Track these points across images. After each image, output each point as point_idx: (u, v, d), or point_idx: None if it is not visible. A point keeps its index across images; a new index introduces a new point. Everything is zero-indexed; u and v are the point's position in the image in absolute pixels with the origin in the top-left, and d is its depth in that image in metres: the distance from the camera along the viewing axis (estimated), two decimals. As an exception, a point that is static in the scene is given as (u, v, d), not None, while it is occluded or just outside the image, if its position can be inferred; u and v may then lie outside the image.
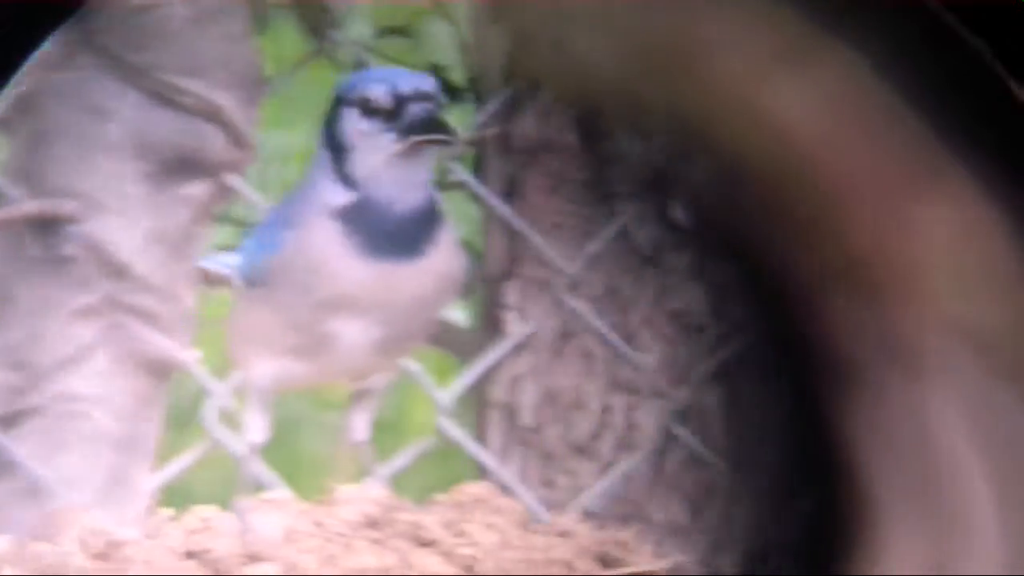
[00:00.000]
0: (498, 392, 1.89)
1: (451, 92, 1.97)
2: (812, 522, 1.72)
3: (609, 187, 1.88)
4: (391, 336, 1.47)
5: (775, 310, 1.58)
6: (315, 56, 1.85)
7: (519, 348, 1.88)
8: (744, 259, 1.70)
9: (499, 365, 1.88)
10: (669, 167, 1.87)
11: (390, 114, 1.44)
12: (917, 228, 1.40)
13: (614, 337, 1.85)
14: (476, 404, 1.90)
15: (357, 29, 1.90)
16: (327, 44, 1.85)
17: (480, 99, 1.93)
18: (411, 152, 1.44)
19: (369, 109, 1.44)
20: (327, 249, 1.45)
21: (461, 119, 1.94)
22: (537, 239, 1.86)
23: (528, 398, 1.88)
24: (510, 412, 1.89)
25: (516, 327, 1.89)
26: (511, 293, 1.91)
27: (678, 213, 1.88)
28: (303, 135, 1.99)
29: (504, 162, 1.93)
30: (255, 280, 1.48)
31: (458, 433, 1.81)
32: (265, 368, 1.49)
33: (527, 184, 1.92)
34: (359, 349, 1.46)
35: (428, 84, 1.45)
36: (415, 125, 1.43)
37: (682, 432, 1.85)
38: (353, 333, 1.46)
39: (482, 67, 1.93)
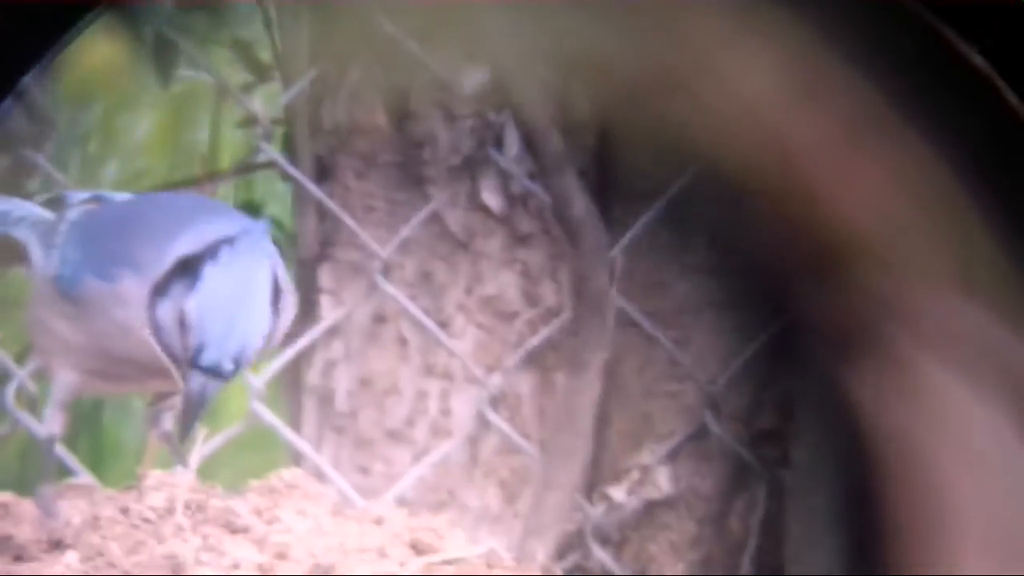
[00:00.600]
0: (312, 377, 1.88)
1: (257, 70, 1.95)
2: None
3: (420, 171, 1.88)
4: None
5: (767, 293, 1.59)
6: (115, 32, 1.78)
7: (333, 332, 1.87)
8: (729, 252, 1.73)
9: (313, 349, 1.86)
10: (478, 151, 1.87)
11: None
12: (881, 195, 1.42)
13: (428, 322, 1.84)
14: (290, 389, 1.88)
15: (160, 4, 1.85)
16: (128, 19, 1.82)
17: (287, 78, 1.90)
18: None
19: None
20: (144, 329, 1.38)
21: (268, 98, 1.93)
22: (350, 221, 1.85)
23: (342, 383, 1.87)
24: (324, 397, 1.88)
25: (330, 311, 1.88)
26: (324, 276, 1.89)
27: (489, 198, 1.88)
28: (100, 111, 1.98)
29: (314, 143, 1.91)
30: (73, 296, 1.41)
31: (272, 418, 1.78)
32: (68, 376, 1.44)
33: (338, 166, 1.90)
34: (167, 383, 1.41)
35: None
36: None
37: (495, 418, 1.85)
38: (158, 385, 1.42)
39: (289, 45, 1.90)
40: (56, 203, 1.49)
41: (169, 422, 1.49)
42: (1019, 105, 1.29)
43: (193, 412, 1.32)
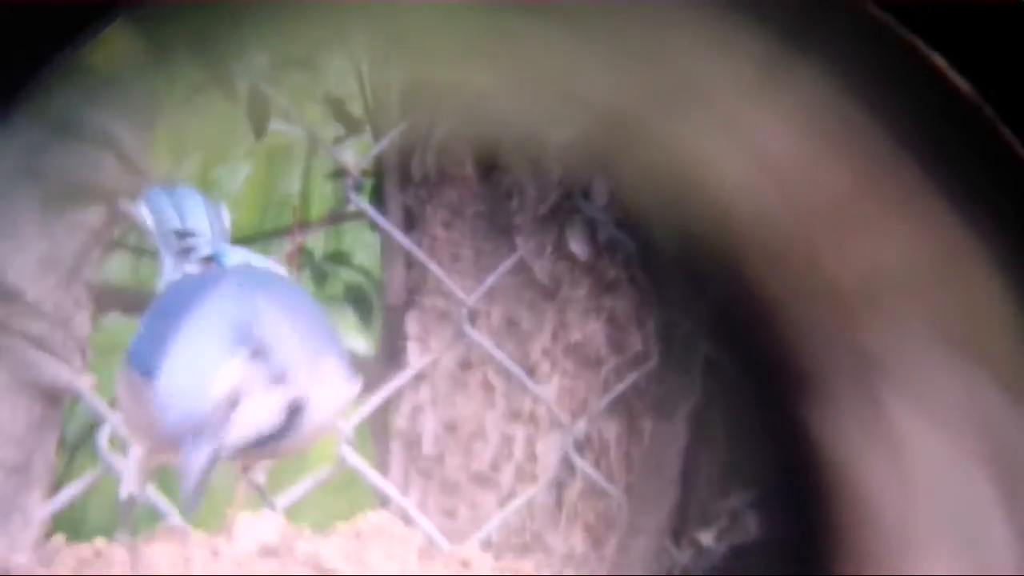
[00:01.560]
0: (399, 421, 1.88)
1: (348, 124, 1.96)
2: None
3: (507, 219, 1.88)
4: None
5: (743, 331, 1.55)
6: (210, 85, 1.82)
7: (419, 378, 1.87)
8: (711, 285, 1.70)
9: (400, 395, 1.87)
10: (564, 201, 1.87)
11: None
12: (887, 248, 1.40)
13: (514, 368, 1.84)
14: (378, 433, 1.89)
15: (255, 59, 1.87)
16: (223, 73, 1.83)
17: (377, 131, 1.92)
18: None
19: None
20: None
21: (359, 150, 1.94)
22: (436, 270, 1.86)
23: (429, 427, 1.88)
24: (411, 441, 1.88)
25: (416, 357, 1.88)
26: (411, 323, 1.90)
27: (575, 246, 1.87)
28: (195, 164, 2.00)
29: (403, 193, 1.92)
30: (149, 373, 1.37)
31: (359, 462, 1.79)
32: (145, 449, 1.45)
33: (426, 215, 1.91)
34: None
35: None
36: None
37: (581, 463, 1.85)
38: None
39: (379, 99, 1.92)
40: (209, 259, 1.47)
41: (260, 473, 1.52)
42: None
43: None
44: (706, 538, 1.85)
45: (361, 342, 1.99)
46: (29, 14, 1.32)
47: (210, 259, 1.46)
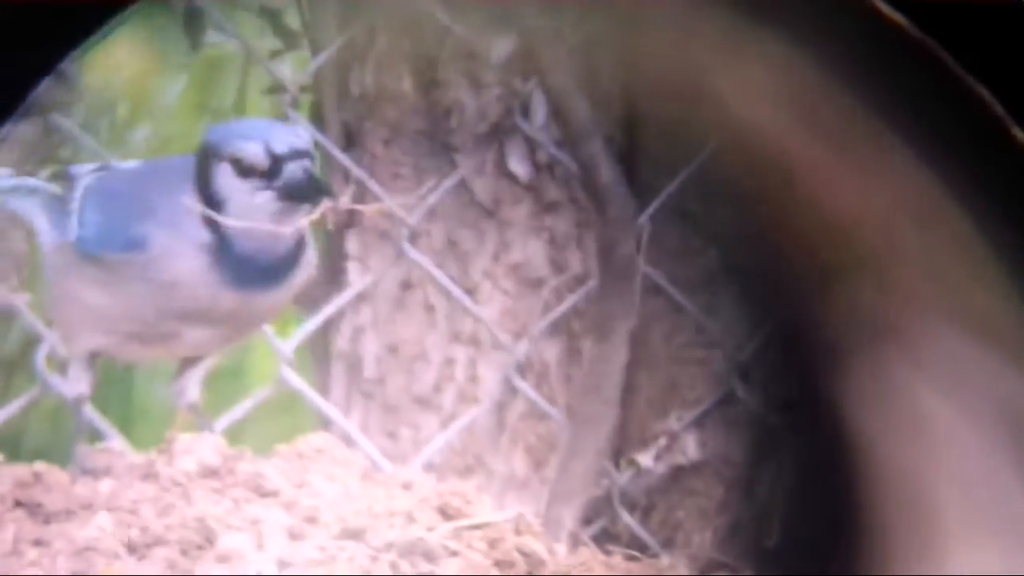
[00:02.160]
0: (340, 343, 1.87)
1: (285, 37, 1.93)
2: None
3: (448, 138, 1.87)
4: (234, 337, 1.46)
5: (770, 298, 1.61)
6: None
7: (360, 298, 1.86)
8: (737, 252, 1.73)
9: (340, 315, 1.86)
10: (505, 119, 1.86)
11: (266, 174, 1.41)
12: (877, 211, 1.43)
13: (455, 289, 1.83)
14: (318, 355, 1.88)
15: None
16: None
17: (315, 46, 1.89)
18: (287, 210, 1.41)
19: (243, 168, 1.41)
20: (190, 272, 1.42)
21: (296, 65, 1.91)
22: (377, 188, 1.83)
23: (370, 349, 1.86)
24: (352, 363, 1.87)
25: (357, 277, 1.87)
26: (352, 243, 1.88)
27: (516, 165, 1.87)
28: (128, 77, 1.96)
29: (342, 111, 1.90)
30: (99, 260, 1.42)
31: (300, 383, 1.77)
32: (92, 341, 1.45)
33: (365, 133, 1.89)
34: (200, 347, 1.45)
35: (303, 141, 1.42)
36: (293, 186, 1.41)
37: (522, 384, 1.84)
38: (198, 336, 1.44)
39: (317, 13, 1.89)
40: (62, 177, 1.50)
41: (195, 391, 1.50)
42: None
43: (310, 192, 1.39)
44: (645, 459, 1.86)
45: None
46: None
47: None
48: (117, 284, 1.41)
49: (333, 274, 1.86)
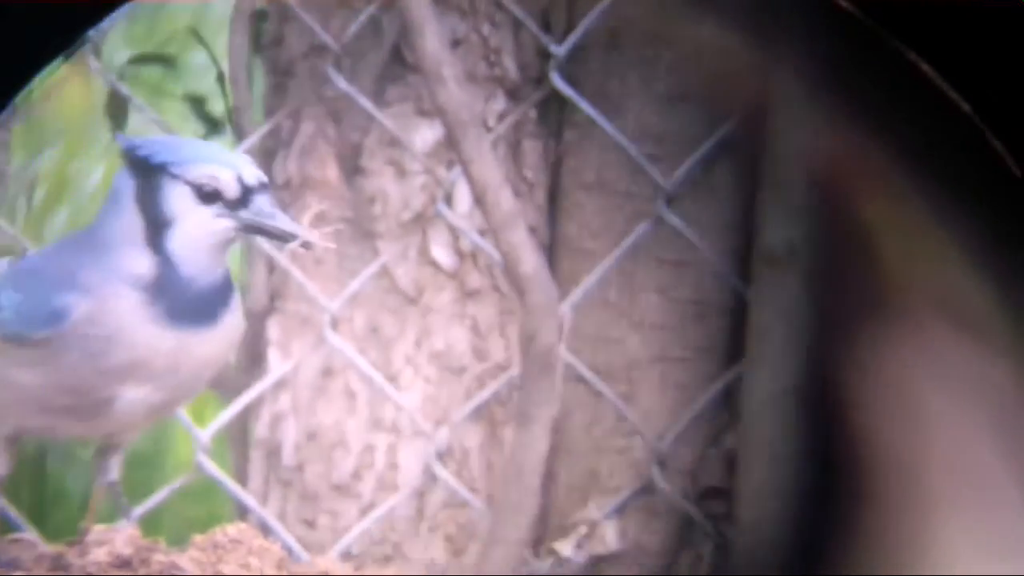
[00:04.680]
0: (259, 429, 1.85)
1: (209, 123, 1.94)
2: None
3: (371, 225, 1.86)
4: (170, 399, 1.40)
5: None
6: (68, 81, 1.76)
7: (281, 385, 1.84)
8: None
9: (260, 402, 1.84)
10: (429, 207, 1.86)
11: (231, 203, 1.37)
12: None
13: (376, 375, 1.82)
14: (237, 441, 1.86)
15: (113, 55, 1.85)
16: (82, 68, 1.79)
17: (239, 132, 1.88)
18: (234, 241, 1.38)
19: (207, 193, 1.37)
20: (126, 318, 1.37)
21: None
22: (299, 275, 1.83)
23: (290, 436, 1.85)
24: (271, 450, 1.85)
25: (278, 363, 1.85)
26: (273, 328, 1.87)
27: (439, 253, 1.86)
28: (52, 160, 1.96)
29: None
30: (25, 340, 1.37)
31: (217, 471, 1.76)
32: (22, 422, 1.41)
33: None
34: (135, 412, 1.40)
35: (261, 172, 1.40)
36: (265, 218, 1.38)
37: (443, 472, 1.83)
38: (134, 398, 1.39)
39: (241, 99, 1.88)
40: None
41: (115, 471, 1.47)
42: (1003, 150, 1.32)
43: (273, 229, 1.36)
44: (565, 548, 1.85)
45: None
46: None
47: None
48: (47, 360, 1.37)
49: (253, 360, 1.85)
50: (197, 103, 1.92)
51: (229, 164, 1.36)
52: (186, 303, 1.36)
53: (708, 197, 1.81)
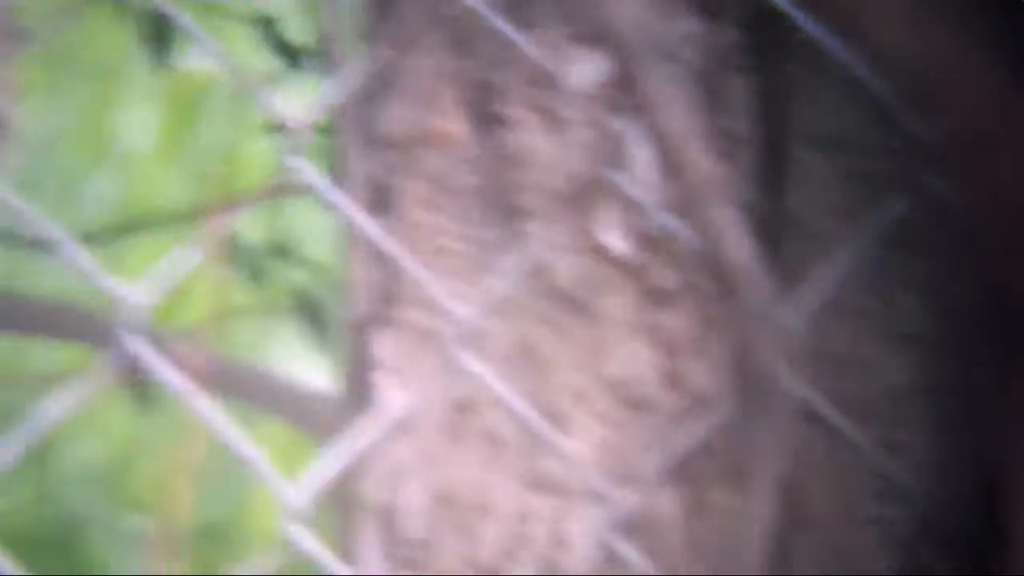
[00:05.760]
0: (372, 489, 1.64)
1: (285, 54, 1.73)
2: None
3: (515, 198, 1.61)
4: None
5: None
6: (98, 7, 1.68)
7: (398, 428, 1.62)
8: None
9: (372, 450, 1.64)
10: (595, 172, 1.62)
11: None
12: None
13: (531, 414, 1.59)
14: (341, 506, 1.73)
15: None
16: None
17: (328, 67, 1.67)
18: None
19: None
20: None
21: (304, 94, 1.74)
22: (417, 270, 1.61)
23: (413, 499, 1.61)
24: (388, 518, 1.63)
25: (392, 395, 1.62)
26: (383, 347, 1.62)
27: (611, 238, 1.60)
28: (78, 108, 1.78)
29: (368, 160, 1.67)
30: None
31: (314, 546, 1.53)
32: None
33: (401, 192, 1.63)
34: None
35: None
36: None
37: (627, 550, 1.59)
38: None
39: (332, 21, 1.64)
40: None
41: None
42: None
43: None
44: None
45: (315, 371, 1.78)
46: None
47: None
48: None
49: (359, 393, 1.67)
50: (268, 27, 1.69)
51: None
52: None
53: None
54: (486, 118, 1.63)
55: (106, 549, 1.75)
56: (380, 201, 1.66)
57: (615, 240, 1.62)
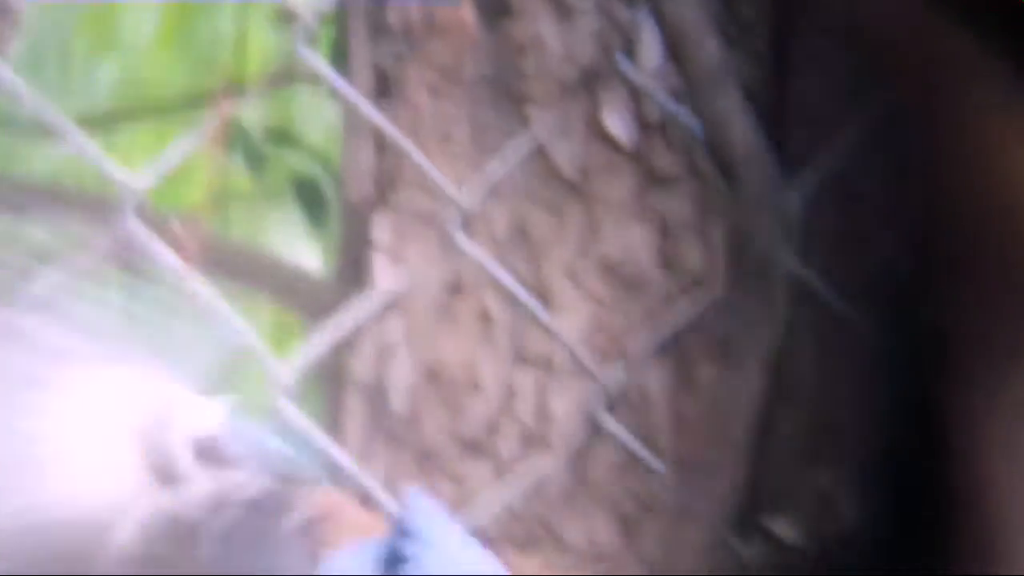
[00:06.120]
0: (360, 366, 1.71)
1: None
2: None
3: (520, 86, 1.67)
4: None
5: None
6: None
7: (391, 306, 1.69)
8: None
9: (363, 329, 1.70)
10: (601, 60, 1.69)
11: None
12: None
13: (523, 293, 1.66)
14: (330, 383, 1.74)
15: None
16: None
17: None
18: None
19: None
20: None
21: None
22: (419, 155, 1.67)
23: (401, 375, 1.68)
24: (376, 394, 1.70)
25: (387, 276, 1.69)
26: (382, 229, 1.69)
27: (615, 124, 1.67)
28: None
29: (374, 48, 1.70)
30: None
31: (304, 421, 1.62)
32: None
33: (406, 80, 1.69)
34: None
35: None
36: None
37: (613, 424, 1.67)
38: None
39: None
40: None
41: None
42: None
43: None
44: (783, 527, 1.69)
45: (309, 253, 1.85)
46: None
47: None
48: None
49: (353, 271, 1.71)
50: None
51: None
52: None
53: None
54: (493, 6, 1.69)
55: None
56: (385, 89, 1.70)
57: (619, 126, 1.68)
